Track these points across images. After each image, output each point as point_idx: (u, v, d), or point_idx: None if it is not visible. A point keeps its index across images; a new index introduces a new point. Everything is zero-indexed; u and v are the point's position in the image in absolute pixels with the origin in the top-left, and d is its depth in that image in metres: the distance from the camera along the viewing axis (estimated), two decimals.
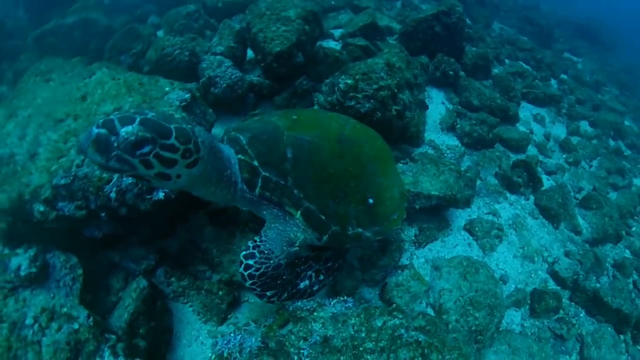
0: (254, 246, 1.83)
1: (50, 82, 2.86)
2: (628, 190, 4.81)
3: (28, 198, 1.95)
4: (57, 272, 2.01)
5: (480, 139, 4.18)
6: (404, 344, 1.45)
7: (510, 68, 6.04)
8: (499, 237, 3.35)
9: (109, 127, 1.42)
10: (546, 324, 2.99)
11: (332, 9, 6.01)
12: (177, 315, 2.29)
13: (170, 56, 3.18)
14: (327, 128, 2.15)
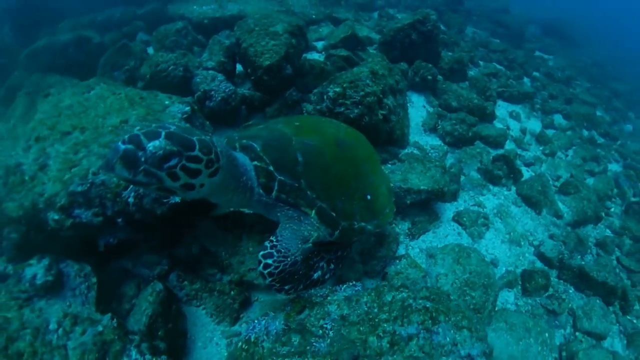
0: (271, 246, 1.96)
1: (49, 97, 2.98)
2: (604, 175, 5.23)
3: (42, 207, 2.05)
4: (72, 280, 2.11)
5: (461, 138, 4.52)
6: (414, 310, 1.67)
7: (485, 69, 6.50)
8: (486, 225, 3.64)
9: (136, 143, 1.49)
10: (538, 301, 3.24)
11: (313, 22, 6.38)
12: (190, 318, 2.43)
13: (165, 72, 3.38)
14: (325, 133, 2.39)
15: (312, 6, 6.54)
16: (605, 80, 8.65)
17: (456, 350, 1.54)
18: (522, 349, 2.70)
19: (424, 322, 1.61)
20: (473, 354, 1.53)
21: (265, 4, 5.65)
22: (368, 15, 7.95)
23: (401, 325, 1.61)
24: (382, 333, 1.61)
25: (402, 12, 8.27)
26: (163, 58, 3.40)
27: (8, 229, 2.17)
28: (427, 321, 1.61)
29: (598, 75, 8.78)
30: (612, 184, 5.07)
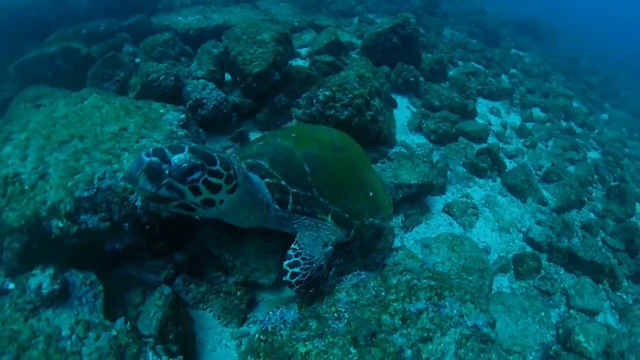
0: (295, 254, 2.03)
1: (41, 107, 2.97)
2: (584, 163, 5.58)
3: (45, 215, 2.09)
4: (78, 289, 2.13)
5: (445, 135, 4.78)
6: (420, 288, 1.82)
7: (464, 69, 6.85)
8: (475, 214, 3.85)
9: (161, 155, 1.49)
10: (532, 283, 3.45)
11: (296, 30, 6.61)
12: (198, 322, 2.48)
13: (156, 81, 3.49)
14: (322, 140, 2.55)
15: (294, 14, 6.78)
16: (580, 74, 9.22)
17: (463, 321, 1.70)
18: (521, 328, 2.87)
19: (431, 298, 1.77)
20: (479, 324, 1.69)
21: (249, 14, 5.85)
22: (348, 21, 8.27)
23: (410, 302, 1.76)
24: (393, 312, 1.75)
25: (381, 17, 8.62)
26: (154, 68, 3.52)
27: (9, 238, 2.17)
28: (433, 297, 1.77)
29: (572, 69, 9.35)
30: (592, 170, 5.42)
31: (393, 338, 1.62)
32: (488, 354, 1.68)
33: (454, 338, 1.62)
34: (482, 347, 1.65)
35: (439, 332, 1.63)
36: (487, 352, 1.68)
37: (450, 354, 1.57)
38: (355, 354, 1.58)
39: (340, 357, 1.58)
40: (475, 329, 1.67)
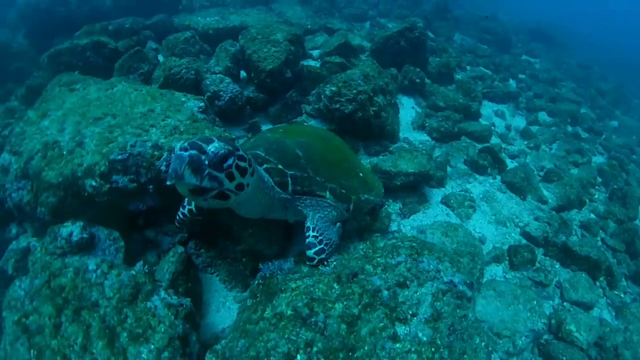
0: (318, 241, 2.25)
1: (75, 91, 3.42)
2: (588, 166, 5.72)
3: (80, 175, 2.44)
4: (102, 242, 2.49)
5: (447, 133, 5.05)
6: (402, 248, 2.12)
7: (471, 73, 7.12)
8: (472, 207, 4.09)
9: (197, 147, 1.61)
10: (526, 274, 3.60)
11: (309, 32, 7.02)
12: (205, 285, 2.81)
13: (178, 74, 3.91)
14: (308, 133, 2.87)
15: (307, 17, 7.21)
16: (591, 81, 9.33)
17: (439, 276, 1.97)
18: (512, 313, 3.05)
19: (411, 255, 2.06)
20: (455, 281, 1.95)
21: (265, 16, 6.28)
22: (361, 25, 8.66)
23: (391, 257, 2.06)
24: (375, 264, 2.05)
25: (393, 21, 8.98)
26: (176, 62, 3.94)
27: (46, 194, 2.54)
28: (413, 254, 2.07)
29: (584, 75, 9.47)
30: (595, 173, 5.56)
31: (372, 279, 1.92)
32: (464, 311, 1.92)
33: (430, 290, 1.88)
34: (458, 303, 1.90)
35: (416, 282, 1.91)
36: (463, 309, 1.92)
37: (427, 304, 1.82)
38: (338, 288, 1.90)
39: (324, 290, 1.89)
40: (451, 285, 1.93)
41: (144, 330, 2.00)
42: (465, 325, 1.79)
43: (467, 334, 1.76)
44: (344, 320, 1.74)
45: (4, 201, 2.84)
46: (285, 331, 1.74)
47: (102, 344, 1.94)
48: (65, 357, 1.92)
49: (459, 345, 1.69)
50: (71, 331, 1.99)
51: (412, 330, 1.72)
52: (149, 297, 2.15)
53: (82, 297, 2.10)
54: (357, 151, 4.34)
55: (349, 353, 1.65)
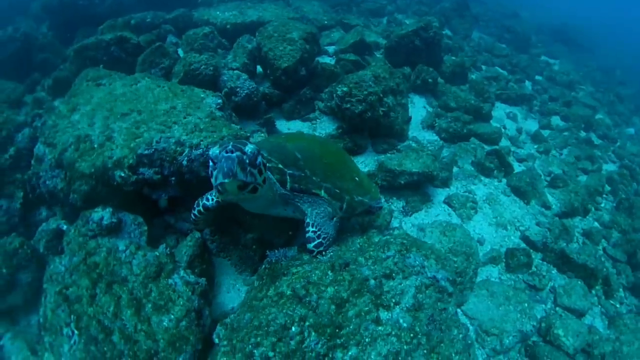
0: (317, 236, 2.50)
1: (102, 86, 3.72)
2: (597, 173, 5.76)
3: (110, 166, 2.76)
4: (128, 226, 2.83)
5: (455, 134, 5.19)
6: (393, 244, 2.37)
7: (486, 73, 7.16)
8: (474, 208, 4.27)
9: (239, 149, 1.94)
10: (521, 277, 3.74)
11: (325, 28, 7.18)
12: (218, 268, 3.10)
13: (197, 70, 4.17)
14: (307, 138, 3.12)
15: (324, 13, 7.34)
16: (611, 85, 9.19)
17: (424, 272, 2.20)
18: (502, 314, 3.23)
19: (400, 251, 2.31)
20: (438, 277, 2.19)
21: (282, 11, 6.47)
22: (378, 20, 8.73)
23: (382, 252, 2.31)
24: (368, 256, 2.31)
25: (410, 17, 9.01)
26: (195, 59, 4.20)
27: (79, 182, 2.86)
28: (402, 250, 2.31)
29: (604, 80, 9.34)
30: (603, 181, 5.61)
31: (362, 269, 2.19)
32: (444, 305, 2.15)
33: (414, 283, 2.12)
34: (439, 297, 2.14)
35: (401, 275, 2.16)
36: (444, 302, 2.15)
37: (410, 295, 2.07)
38: (331, 275, 2.19)
39: (319, 276, 2.19)
40: (434, 280, 2.17)
41: (165, 303, 2.33)
42: (445, 317, 2.03)
43: (445, 325, 1.99)
44: (334, 301, 2.01)
45: (35, 187, 3.16)
46: (284, 307, 2.04)
47: (130, 313, 2.27)
48: (100, 322, 2.25)
49: (437, 335, 1.92)
50: (104, 301, 2.33)
51: (394, 316, 1.97)
52: (170, 275, 2.48)
53: (113, 273, 2.44)
54: (365, 149, 4.56)
55: (336, 330, 1.92)
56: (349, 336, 1.88)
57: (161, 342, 2.18)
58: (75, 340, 2.26)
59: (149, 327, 2.22)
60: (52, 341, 2.38)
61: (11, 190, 3.48)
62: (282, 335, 1.91)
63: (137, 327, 2.22)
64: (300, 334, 1.90)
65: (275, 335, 1.91)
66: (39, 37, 5.64)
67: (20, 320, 3.08)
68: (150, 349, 2.16)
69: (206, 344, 2.34)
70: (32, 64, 5.27)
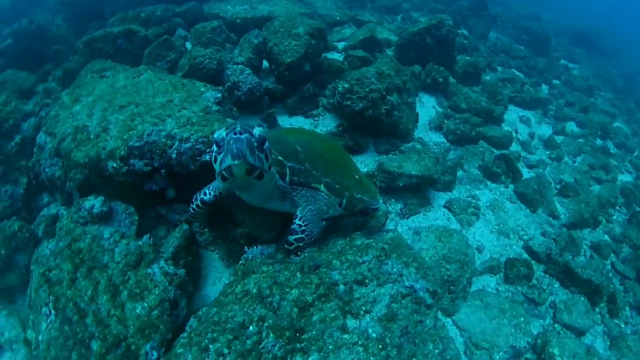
0: (301, 230, 2.40)
1: (105, 78, 3.76)
2: (611, 184, 5.42)
3: (104, 157, 2.78)
4: (119, 215, 2.85)
5: (463, 136, 4.96)
6: (373, 248, 2.24)
7: (501, 75, 6.83)
8: (476, 214, 4.06)
9: (248, 131, 1.83)
10: (520, 289, 3.52)
11: (337, 24, 6.99)
12: (206, 260, 3.06)
13: (201, 64, 4.13)
14: (309, 134, 3.04)
15: (337, 8, 7.16)
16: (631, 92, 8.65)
17: (401, 280, 2.07)
18: (494, 327, 3.04)
19: (379, 256, 2.18)
20: (416, 287, 2.05)
21: (293, 6, 6.33)
22: (392, 17, 8.47)
23: (360, 256, 2.20)
24: (344, 259, 2.21)
25: (426, 15, 8.70)
26: (200, 52, 4.15)
27: (74, 171, 2.91)
28: (381, 256, 2.19)
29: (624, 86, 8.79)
30: (617, 192, 5.27)
31: (332, 273, 2.09)
32: (421, 317, 2.01)
33: (389, 292, 2.00)
34: (415, 308, 2.00)
35: (375, 282, 2.04)
36: (421, 314, 2.01)
37: (383, 304, 1.95)
38: (299, 277, 2.11)
39: (287, 277, 2.12)
40: (411, 290, 2.03)
41: (141, 291, 2.34)
42: (420, 330, 1.89)
43: (420, 339, 1.86)
44: (297, 304, 1.95)
45: (38, 174, 3.21)
46: (245, 305, 2.00)
47: (106, 298, 2.31)
48: (76, 305, 2.31)
49: (409, 348, 1.80)
50: (83, 285, 2.38)
51: (362, 325, 1.86)
52: (150, 264, 2.48)
53: (95, 259, 2.47)
54: (366, 148, 4.40)
55: (297, 334, 1.85)
56: (310, 341, 1.81)
57: (131, 328, 2.20)
58: (52, 319, 2.33)
59: (122, 312, 2.25)
60: (34, 319, 2.48)
61: (16, 176, 3.57)
62: (239, 333, 1.87)
63: (110, 312, 2.25)
64: (258, 334, 1.85)
65: (232, 332, 1.87)
66: (53, 29, 5.72)
67: (17, 299, 3.16)
68: (120, 333, 2.18)
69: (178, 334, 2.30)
70: (45, 54, 5.35)
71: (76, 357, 2.16)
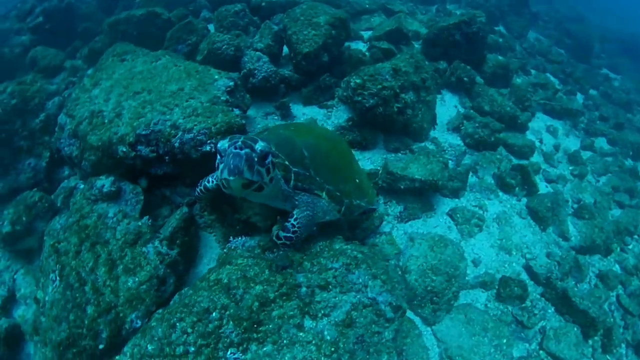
0: (292, 231, 2.40)
1: (125, 62, 3.84)
2: (634, 210, 4.93)
3: (115, 141, 2.94)
4: (127, 195, 2.98)
5: (481, 141, 4.65)
6: (346, 255, 2.25)
7: (534, 79, 6.30)
8: (479, 226, 3.85)
9: (250, 146, 1.83)
10: (510, 309, 3.32)
11: (367, 12, 6.65)
12: (203, 241, 3.14)
13: (219, 49, 4.08)
14: (316, 133, 2.93)
15: None
16: None
17: (365, 291, 2.09)
18: (473, 344, 2.90)
19: (349, 265, 2.19)
20: (378, 300, 2.05)
21: None
22: (426, 8, 7.94)
23: (331, 261, 2.22)
24: (315, 262, 2.25)
25: (463, 8, 8.09)
26: (219, 38, 4.10)
27: (89, 152, 3.10)
28: (350, 264, 2.20)
29: None
30: (638, 221, 4.82)
31: (297, 275, 2.15)
32: (379, 329, 2.01)
33: (351, 300, 2.03)
34: (375, 320, 2.00)
35: (338, 289, 2.07)
36: (379, 326, 2.01)
37: (343, 310, 1.99)
38: (267, 274, 2.18)
39: (256, 272, 2.19)
40: (374, 302, 2.03)
41: (135, 267, 2.50)
42: (377, 340, 1.92)
43: (375, 349, 1.89)
44: (259, 299, 2.05)
45: (59, 150, 3.45)
46: (213, 293, 2.12)
47: (104, 270, 2.49)
48: (78, 274, 2.51)
49: (362, 356, 1.84)
50: (86, 257, 2.55)
51: (318, 327, 1.94)
52: (145, 244, 2.62)
53: (99, 235, 2.64)
54: (375, 145, 4.22)
55: (254, 325, 1.96)
56: (267, 333, 1.92)
57: (121, 298, 2.38)
58: (57, 284, 2.55)
59: (115, 284, 2.43)
60: (43, 282, 2.70)
61: (40, 151, 3.85)
62: (203, 317, 2.00)
63: (106, 283, 2.44)
64: (219, 320, 1.97)
65: (197, 315, 2.01)
66: (82, 7, 5.83)
67: (34, 260, 3.41)
68: (111, 302, 2.38)
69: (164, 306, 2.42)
70: (74, 32, 5.48)
71: (73, 317, 2.38)
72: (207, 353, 1.87)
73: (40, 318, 2.50)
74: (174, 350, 1.90)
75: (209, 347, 1.88)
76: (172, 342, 1.92)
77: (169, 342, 1.93)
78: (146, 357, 1.92)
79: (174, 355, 1.89)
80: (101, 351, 2.26)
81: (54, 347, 2.33)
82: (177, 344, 1.92)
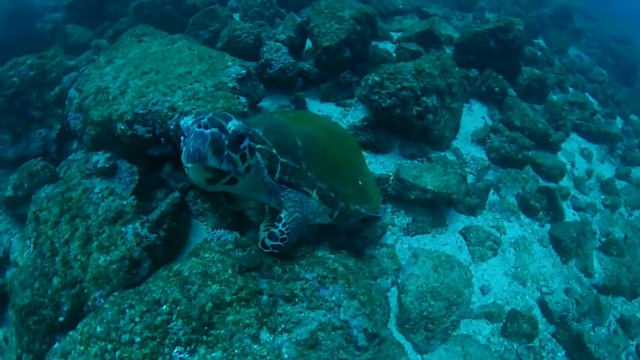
0: (281, 239, 2.04)
1: (142, 43, 3.79)
2: None
3: (114, 118, 2.87)
4: (122, 172, 2.87)
5: (507, 157, 4.21)
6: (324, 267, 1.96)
7: (572, 97, 5.74)
8: (494, 250, 3.44)
9: (219, 125, 1.40)
10: (515, 347, 2.93)
11: (399, 13, 6.30)
12: (194, 229, 2.95)
13: (239, 37, 3.93)
14: (318, 123, 2.59)
15: None
16: None
17: (337, 311, 1.79)
18: None
19: (324, 277, 1.91)
20: (351, 324, 1.75)
21: None
22: (463, 15, 7.48)
23: (306, 271, 1.95)
24: (288, 269, 2.00)
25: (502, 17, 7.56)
26: (240, 26, 3.97)
27: (90, 127, 3.07)
28: (326, 278, 1.91)
29: None
30: None
31: (260, 281, 1.93)
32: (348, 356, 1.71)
33: (320, 319, 1.75)
34: (343, 345, 1.70)
35: (306, 304, 1.80)
36: (348, 354, 1.72)
37: (307, 328, 1.72)
38: (229, 274, 1.99)
39: (218, 270, 2.00)
40: (345, 324, 1.74)
41: (109, 245, 2.39)
42: None
43: None
44: (213, 300, 1.86)
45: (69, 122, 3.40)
46: (167, 285, 1.97)
47: (78, 244, 2.40)
48: (52, 244, 2.43)
49: None
50: (64, 229, 2.47)
51: (276, 342, 1.69)
52: (126, 223, 2.48)
53: (80, 209, 2.54)
54: (391, 149, 3.87)
55: (205, 327, 1.78)
56: (218, 338, 1.75)
57: (89, 274, 2.29)
58: (30, 251, 2.50)
59: (86, 259, 2.34)
60: (22, 247, 2.71)
61: (51, 122, 3.89)
62: (152, 308, 1.87)
63: (77, 257, 2.35)
64: (169, 315, 1.84)
65: (147, 305, 1.89)
66: None
67: None
68: (78, 276, 2.30)
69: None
70: (104, 13, 5.52)
71: (38, 286, 2.31)
72: (152, 347, 1.72)
73: (14, 281, 2.46)
74: (120, 337, 1.78)
75: (155, 341, 1.74)
76: (119, 329, 1.81)
77: (116, 328, 1.81)
78: (94, 337, 1.81)
79: (119, 341, 1.76)
80: (61, 323, 2.20)
81: (17, 311, 2.30)
82: (124, 331, 1.80)
